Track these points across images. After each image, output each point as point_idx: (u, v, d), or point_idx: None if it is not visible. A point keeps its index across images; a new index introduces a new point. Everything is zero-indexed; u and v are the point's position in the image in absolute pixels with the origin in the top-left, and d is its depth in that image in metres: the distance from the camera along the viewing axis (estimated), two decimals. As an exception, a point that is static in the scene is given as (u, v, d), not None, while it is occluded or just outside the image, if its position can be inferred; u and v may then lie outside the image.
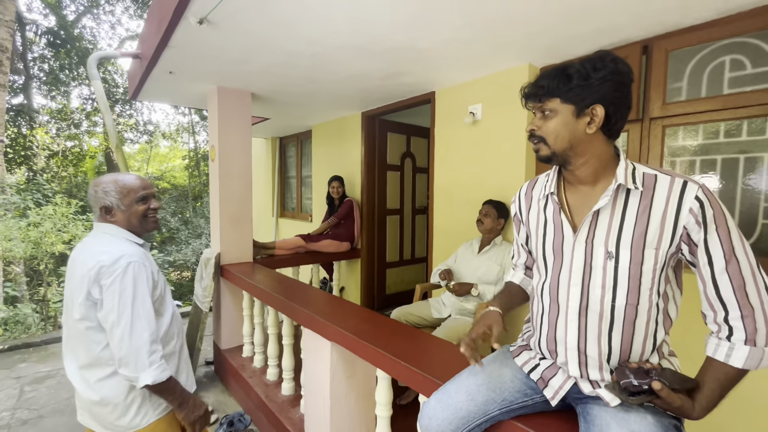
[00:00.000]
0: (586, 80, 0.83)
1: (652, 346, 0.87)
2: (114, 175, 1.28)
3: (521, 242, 1.14)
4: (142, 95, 3.15)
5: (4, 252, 4.70)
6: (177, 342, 1.36)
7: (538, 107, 0.90)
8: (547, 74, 0.88)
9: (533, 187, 1.06)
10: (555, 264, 0.95)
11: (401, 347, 1.40)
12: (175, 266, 9.33)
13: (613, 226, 0.85)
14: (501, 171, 2.52)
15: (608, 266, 0.85)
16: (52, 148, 11.14)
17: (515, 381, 0.99)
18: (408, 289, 4.32)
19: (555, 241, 0.95)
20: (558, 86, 0.85)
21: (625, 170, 0.85)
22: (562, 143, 0.87)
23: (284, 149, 5.57)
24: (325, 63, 2.36)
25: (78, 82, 10.92)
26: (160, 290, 1.28)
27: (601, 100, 0.83)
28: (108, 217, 1.26)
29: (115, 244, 1.21)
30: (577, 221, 0.92)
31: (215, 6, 1.63)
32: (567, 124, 0.86)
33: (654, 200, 0.82)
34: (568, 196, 0.95)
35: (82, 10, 11.06)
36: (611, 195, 0.85)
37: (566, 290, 0.92)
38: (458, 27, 1.83)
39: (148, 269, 1.22)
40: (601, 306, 0.87)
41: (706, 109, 1.81)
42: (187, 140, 14.19)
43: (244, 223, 3.08)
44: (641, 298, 0.84)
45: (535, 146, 0.92)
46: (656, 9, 1.65)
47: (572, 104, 0.85)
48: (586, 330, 0.89)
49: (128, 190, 1.26)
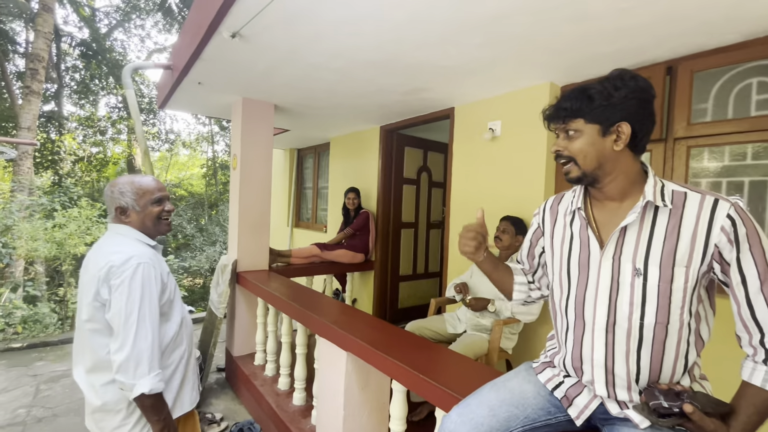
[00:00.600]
0: (608, 99, 0.84)
1: (683, 367, 0.85)
2: (131, 177, 1.28)
3: (536, 252, 1.14)
4: (170, 105, 3.27)
5: (28, 251, 4.85)
6: (185, 349, 1.32)
7: (562, 128, 0.91)
8: (569, 96, 0.89)
9: (560, 202, 1.06)
10: (580, 279, 0.94)
11: (418, 360, 1.39)
12: (189, 272, 9.45)
13: (641, 242, 0.85)
14: (520, 187, 2.51)
15: (636, 283, 0.84)
16: (78, 154, 11.55)
17: (538, 398, 0.97)
18: (420, 303, 4.29)
19: (581, 256, 0.94)
20: (581, 107, 0.87)
21: (654, 187, 0.85)
22: (592, 162, 0.88)
23: (302, 160, 5.67)
24: (347, 77, 2.43)
25: (106, 91, 11.38)
26: (169, 293, 1.26)
27: (627, 118, 0.84)
28: (123, 217, 1.25)
29: (126, 244, 1.20)
30: (604, 237, 0.91)
31: (248, 21, 1.70)
32: (594, 143, 0.87)
33: (684, 218, 0.82)
34: (595, 211, 0.95)
35: (114, 24, 11.60)
36: (639, 212, 0.84)
37: (592, 306, 0.90)
38: (481, 46, 1.86)
39: (157, 271, 1.20)
40: (629, 323, 0.85)
41: (733, 130, 1.79)
42: (206, 149, 14.55)
43: (262, 232, 3.12)
44: (671, 317, 0.82)
45: (566, 167, 0.92)
46: (680, 31, 1.66)
47: (597, 124, 0.86)
48: (613, 348, 0.87)
49: (144, 191, 1.25)
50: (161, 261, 1.27)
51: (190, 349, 1.36)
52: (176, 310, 1.29)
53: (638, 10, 1.49)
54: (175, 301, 1.29)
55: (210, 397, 2.80)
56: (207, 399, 2.78)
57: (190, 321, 1.39)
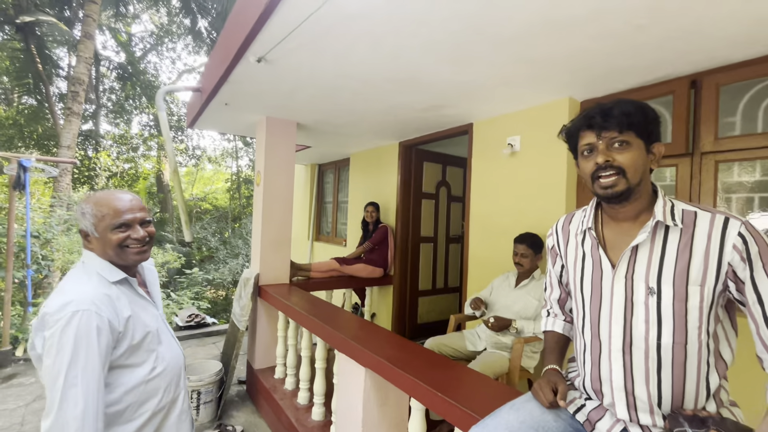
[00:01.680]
0: (653, 118, 0.87)
1: (706, 391, 0.83)
2: (103, 194, 1.09)
3: (557, 274, 1.13)
4: (198, 124, 3.42)
5: (65, 263, 5.09)
6: (163, 398, 1.11)
7: (609, 138, 0.86)
8: (624, 105, 0.86)
9: (570, 222, 1.06)
10: (594, 299, 0.93)
11: (437, 378, 1.38)
12: (212, 284, 9.67)
13: (653, 261, 0.84)
14: (539, 202, 2.48)
15: (650, 302, 0.84)
16: (112, 170, 12.17)
17: (559, 421, 0.95)
18: (440, 319, 4.24)
19: (594, 276, 0.94)
20: (639, 120, 0.86)
21: (663, 207, 0.86)
22: (637, 178, 0.86)
23: (322, 175, 5.78)
24: (366, 96, 2.49)
25: (139, 110, 12.01)
26: (131, 339, 1.04)
27: (660, 139, 0.89)
28: (86, 242, 1.07)
29: (77, 282, 1.01)
30: (615, 257, 0.91)
31: (273, 47, 1.79)
32: (643, 158, 0.87)
33: (695, 237, 0.82)
34: (605, 231, 0.95)
35: (148, 48, 12.30)
36: (649, 231, 0.85)
37: (608, 327, 0.90)
38: (501, 64, 1.89)
39: (104, 319, 0.97)
40: (646, 344, 0.84)
41: (764, 144, 1.73)
42: (230, 164, 15.03)
43: (284, 246, 3.19)
44: (689, 337, 0.81)
45: (610, 180, 0.85)
46: (702, 46, 1.64)
47: (644, 140, 0.87)
48: (632, 369, 0.86)
49: (103, 215, 1.04)
50: (122, 302, 1.05)
51: (171, 398, 1.14)
52: (145, 356, 1.08)
53: (655, 28, 1.49)
54: (143, 347, 1.07)
55: (231, 410, 2.84)
56: (228, 411, 2.82)
57: (176, 364, 1.17)
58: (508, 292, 2.38)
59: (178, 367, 1.19)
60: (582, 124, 0.91)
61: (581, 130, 0.92)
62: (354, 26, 1.59)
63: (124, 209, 1.07)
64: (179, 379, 1.19)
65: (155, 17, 12.34)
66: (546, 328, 1.17)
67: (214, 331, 4.66)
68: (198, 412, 2.61)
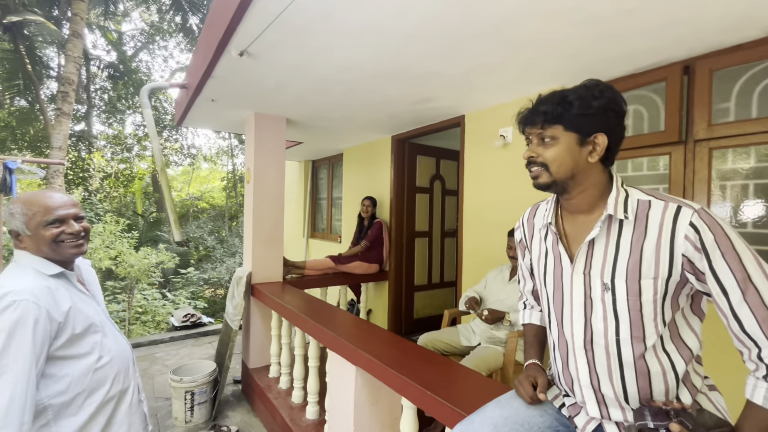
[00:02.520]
0: (588, 108, 0.81)
1: (675, 380, 0.80)
2: (31, 194, 1.10)
3: (528, 267, 1.10)
4: (187, 122, 3.37)
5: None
6: (112, 388, 1.13)
7: (537, 133, 0.87)
8: (548, 100, 0.86)
9: (534, 215, 1.04)
10: (556, 295, 0.92)
11: (428, 376, 1.35)
12: (209, 283, 9.65)
13: (608, 256, 0.82)
14: (532, 194, 2.44)
15: (606, 299, 0.82)
16: (106, 171, 12.08)
17: (545, 416, 0.93)
18: (436, 313, 4.22)
19: (555, 271, 0.92)
20: (561, 113, 0.83)
21: (616, 199, 0.82)
22: (565, 172, 0.84)
23: (316, 172, 5.73)
24: (355, 89, 2.44)
25: (132, 110, 11.91)
26: (73, 329, 1.05)
27: (604, 129, 0.82)
28: (17, 242, 1.08)
29: (14, 277, 1.02)
30: (574, 251, 0.89)
31: (253, 40, 1.74)
32: (571, 152, 0.83)
33: (648, 228, 0.78)
34: (565, 225, 0.93)
35: (139, 46, 12.16)
36: (601, 225, 0.82)
37: (570, 323, 0.88)
38: (489, 52, 1.84)
39: (42, 309, 0.97)
40: (605, 340, 0.82)
41: (759, 130, 1.69)
42: (226, 163, 14.95)
43: (276, 244, 3.15)
44: (647, 331, 0.79)
45: (535, 173, 0.88)
46: (696, 30, 1.59)
47: (575, 132, 0.83)
48: (595, 365, 0.84)
49: (34, 213, 1.06)
50: (61, 293, 1.06)
51: (121, 388, 1.16)
52: (89, 347, 1.09)
53: (646, 11, 1.44)
54: (86, 338, 1.08)
55: (226, 410, 2.82)
56: (223, 411, 2.80)
57: (124, 353, 1.20)
58: (502, 285, 2.35)
59: (126, 358, 1.21)
60: (518, 120, 0.93)
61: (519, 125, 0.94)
62: (334, 18, 1.55)
63: (55, 206, 1.09)
64: (128, 370, 1.21)
65: (145, 15, 12.20)
66: (524, 321, 1.16)
67: (210, 330, 4.64)
68: (192, 413, 2.58)
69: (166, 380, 3.25)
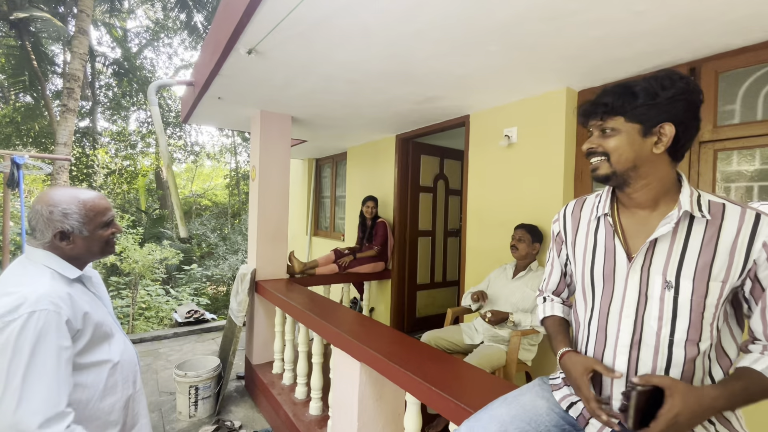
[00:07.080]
0: (654, 99, 0.79)
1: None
2: (74, 192, 1.04)
3: (561, 264, 1.08)
4: (193, 119, 3.39)
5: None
6: (122, 393, 1.09)
7: (598, 125, 0.86)
8: (611, 92, 0.84)
9: (581, 207, 1.00)
10: (605, 292, 0.89)
11: (432, 372, 1.37)
12: (212, 280, 9.69)
13: (673, 254, 0.80)
14: (537, 194, 2.46)
15: (666, 297, 0.79)
16: (110, 167, 12.13)
17: (552, 414, 0.94)
18: (438, 312, 4.23)
19: (606, 267, 0.89)
20: (623, 105, 0.82)
21: (690, 197, 0.81)
22: (626, 163, 0.83)
23: (320, 170, 5.75)
24: (360, 88, 2.45)
25: (136, 107, 11.95)
26: (90, 336, 1.01)
27: (672, 119, 0.79)
28: (62, 243, 1.01)
29: (30, 282, 0.94)
30: (632, 247, 0.86)
31: (262, 38, 1.76)
32: (632, 143, 0.82)
33: (722, 230, 0.77)
34: (622, 219, 0.90)
35: (144, 43, 12.20)
36: (674, 221, 0.80)
37: (617, 321, 0.85)
38: (497, 52, 1.85)
39: (62, 318, 0.93)
40: (657, 340, 0.80)
41: (764, 132, 1.70)
42: (229, 160, 14.99)
43: (280, 241, 3.17)
44: (703, 335, 0.78)
45: (595, 164, 0.87)
46: (702, 32, 1.60)
47: (638, 123, 0.81)
48: (637, 366, 0.82)
49: (95, 213, 1.04)
50: (79, 296, 1.02)
51: (131, 390, 1.13)
52: (102, 353, 1.05)
53: (654, 13, 1.45)
54: (99, 341, 1.05)
55: (229, 405, 2.84)
56: (227, 407, 2.82)
57: (130, 359, 1.16)
58: (505, 283, 2.36)
59: (133, 363, 1.18)
60: (579, 113, 0.92)
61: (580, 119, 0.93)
62: (344, 17, 1.56)
63: (108, 206, 1.09)
64: (135, 372, 1.18)
65: (150, 12, 12.23)
66: (545, 314, 1.12)
67: (213, 327, 4.67)
68: (196, 408, 2.61)
69: (170, 375, 3.28)
